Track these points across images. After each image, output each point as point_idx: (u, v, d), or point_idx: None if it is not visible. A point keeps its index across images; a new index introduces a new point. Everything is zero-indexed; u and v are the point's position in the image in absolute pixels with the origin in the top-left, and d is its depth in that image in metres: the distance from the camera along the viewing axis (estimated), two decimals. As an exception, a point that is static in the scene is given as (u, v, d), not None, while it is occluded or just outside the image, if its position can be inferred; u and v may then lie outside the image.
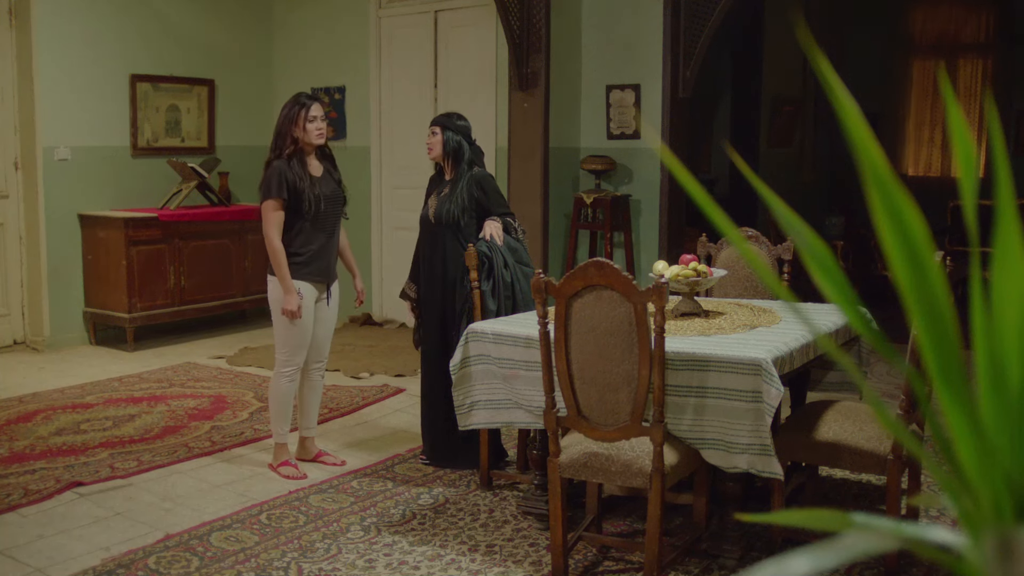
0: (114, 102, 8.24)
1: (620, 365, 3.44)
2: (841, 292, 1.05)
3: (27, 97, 7.76)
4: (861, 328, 1.07)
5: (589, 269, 3.41)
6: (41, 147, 7.76)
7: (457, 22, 8.27)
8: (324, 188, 4.75)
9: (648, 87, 7.34)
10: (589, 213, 7.41)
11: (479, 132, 8.11)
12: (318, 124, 4.73)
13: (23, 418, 5.86)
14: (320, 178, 4.77)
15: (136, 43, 8.31)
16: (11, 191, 7.85)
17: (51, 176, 7.84)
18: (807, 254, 1.05)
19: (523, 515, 4.34)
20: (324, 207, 4.72)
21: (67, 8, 7.83)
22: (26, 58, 7.72)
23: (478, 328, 4.12)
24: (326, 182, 4.79)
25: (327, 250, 4.81)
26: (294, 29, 9.20)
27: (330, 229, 4.80)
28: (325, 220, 4.76)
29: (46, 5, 7.71)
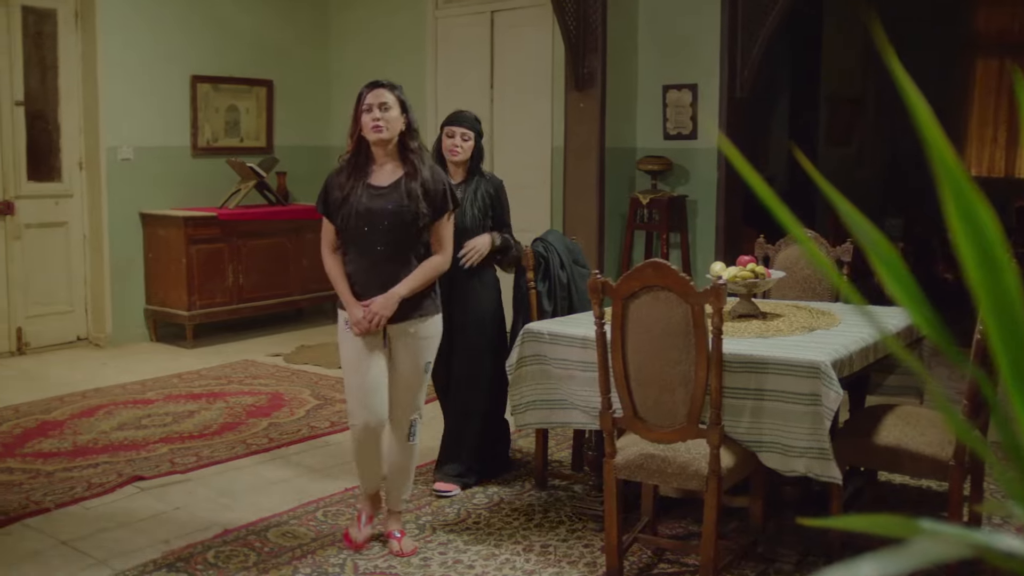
0: (175, 103, 8.36)
1: (677, 366, 3.42)
2: (909, 294, 1.03)
3: (91, 98, 7.91)
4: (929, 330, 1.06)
5: (646, 270, 3.40)
6: (105, 147, 7.90)
7: (513, 22, 8.27)
8: (371, 201, 3.80)
9: (705, 87, 7.28)
10: (645, 214, 7.37)
11: (535, 132, 8.15)
12: (375, 114, 3.78)
13: (86, 413, 5.97)
14: (381, 187, 3.83)
15: (197, 44, 8.43)
16: (75, 190, 8.00)
17: (114, 176, 7.98)
18: (874, 255, 1.03)
19: (578, 516, 4.34)
20: (356, 223, 3.81)
21: (131, 10, 7.97)
22: (91, 60, 7.87)
23: (534, 328, 4.12)
24: (385, 194, 3.81)
25: (371, 279, 3.85)
26: (351, 30, 9.27)
27: (372, 251, 3.83)
28: (363, 239, 3.84)
29: (111, 7, 7.85)
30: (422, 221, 3.84)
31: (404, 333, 3.91)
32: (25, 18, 7.64)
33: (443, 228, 3.94)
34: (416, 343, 3.92)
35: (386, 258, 3.84)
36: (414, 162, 3.86)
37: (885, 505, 4.47)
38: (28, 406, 6.12)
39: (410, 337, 3.91)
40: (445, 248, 3.97)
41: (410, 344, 3.92)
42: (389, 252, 3.84)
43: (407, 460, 4.08)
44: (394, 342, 3.93)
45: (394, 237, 3.82)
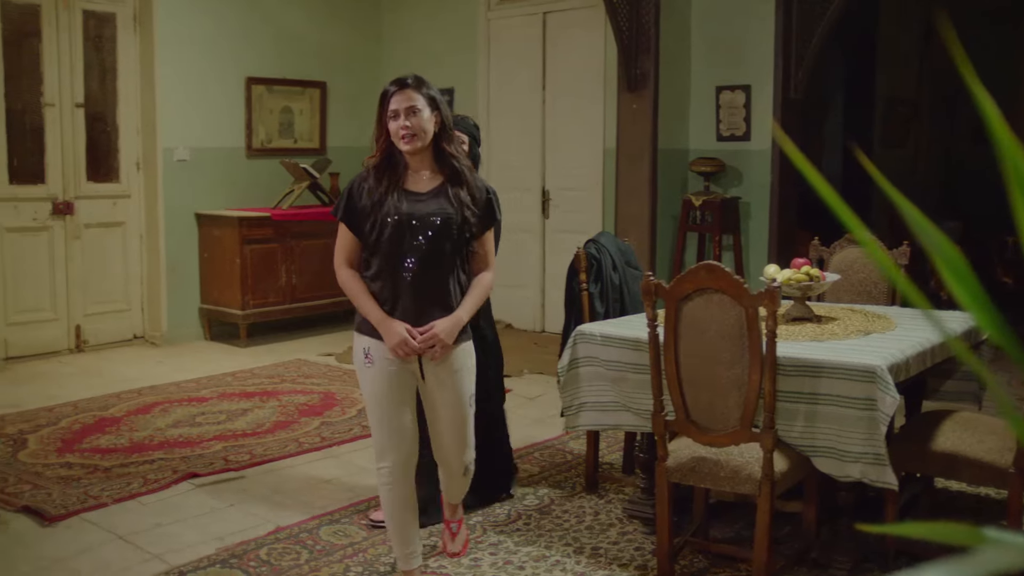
0: (230, 104, 8.47)
1: (730, 369, 3.39)
2: (973, 296, 1.02)
3: (149, 100, 8.03)
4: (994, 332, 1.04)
5: (700, 272, 3.38)
6: (161, 148, 8.02)
7: (566, 23, 8.27)
8: (411, 207, 3.31)
9: (759, 88, 7.23)
10: (697, 215, 7.33)
11: (587, 134, 8.14)
12: (403, 122, 3.28)
13: (142, 410, 6.06)
14: (421, 193, 3.35)
15: (252, 47, 8.53)
16: (133, 190, 8.13)
17: (170, 176, 8.10)
18: (938, 257, 1.02)
19: (629, 518, 4.32)
20: (393, 233, 3.29)
21: (187, 13, 8.08)
22: (148, 62, 7.99)
23: (586, 330, 4.11)
24: (427, 200, 3.34)
25: (404, 299, 3.32)
26: (404, 31, 9.32)
27: (408, 266, 3.30)
28: (398, 252, 3.30)
29: (168, 11, 7.97)
30: (469, 231, 3.37)
31: (444, 361, 3.39)
32: (86, 22, 7.78)
33: (488, 242, 3.49)
34: (452, 377, 3.42)
35: (425, 275, 3.30)
36: (454, 165, 3.38)
37: (942, 512, 4.40)
38: (86, 402, 6.23)
39: (444, 370, 3.40)
40: (492, 264, 3.53)
41: (446, 379, 3.42)
42: (429, 267, 3.31)
43: (463, 486, 3.71)
44: (429, 378, 3.41)
45: (436, 250, 3.30)
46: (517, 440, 5.46)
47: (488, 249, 3.51)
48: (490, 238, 3.50)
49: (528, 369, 7.14)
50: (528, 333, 8.56)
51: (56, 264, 7.70)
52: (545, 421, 5.85)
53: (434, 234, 3.30)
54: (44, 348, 7.63)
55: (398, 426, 3.38)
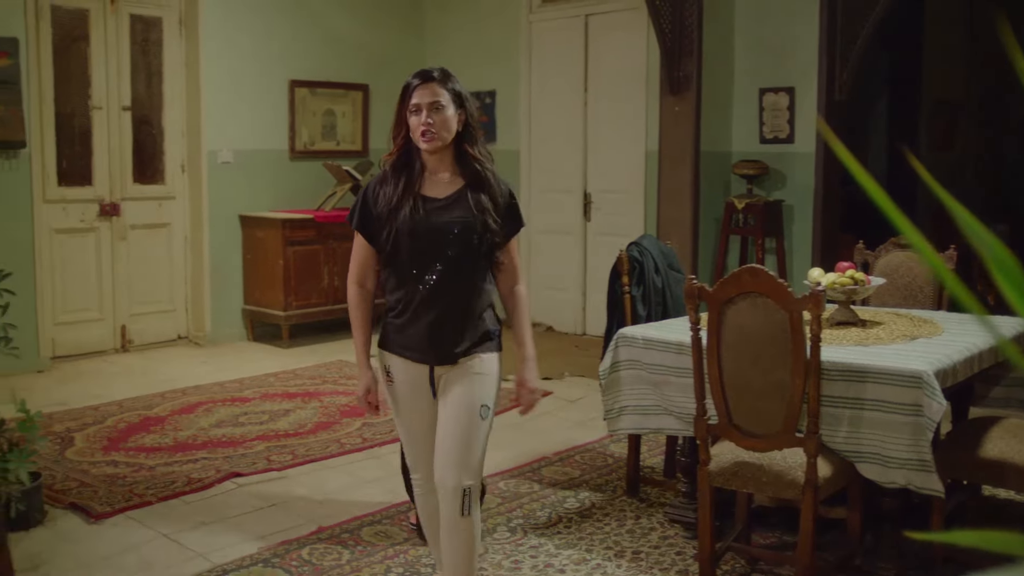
0: (274, 107, 8.54)
1: (773, 374, 3.36)
2: (1027, 301, 1.00)
3: (194, 102, 8.12)
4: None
5: (743, 275, 3.35)
6: (206, 150, 8.11)
7: (608, 25, 8.25)
8: (429, 215, 3.06)
9: (803, 90, 7.18)
10: (740, 218, 7.29)
11: (629, 136, 8.12)
12: (424, 117, 3.05)
13: (186, 409, 6.12)
14: (439, 200, 3.10)
15: (295, 50, 8.59)
16: (178, 192, 8.22)
17: (214, 178, 8.18)
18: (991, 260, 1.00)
19: (670, 523, 4.30)
20: (411, 243, 3.06)
21: (232, 17, 8.16)
22: (194, 65, 8.08)
23: (628, 333, 4.10)
24: (447, 206, 3.09)
25: (422, 314, 3.09)
26: (446, 34, 9.35)
27: (428, 279, 3.06)
28: (416, 264, 3.07)
29: (213, 14, 8.05)
30: (493, 239, 3.10)
31: (456, 374, 3.13)
32: (133, 26, 7.88)
33: (515, 251, 3.28)
34: (465, 381, 3.10)
35: (445, 289, 3.06)
36: (477, 169, 3.11)
37: (989, 521, 4.34)
38: (131, 401, 6.30)
39: (459, 375, 3.12)
40: (521, 275, 3.31)
41: (458, 384, 3.11)
42: (450, 281, 3.06)
43: (463, 543, 3.12)
44: (443, 385, 3.15)
45: (457, 262, 3.06)
46: (558, 443, 5.47)
47: (516, 258, 3.28)
48: (516, 247, 3.28)
49: (569, 372, 7.13)
50: (569, 336, 8.55)
51: (102, 265, 7.81)
52: (586, 424, 5.83)
53: (454, 245, 3.05)
54: (90, 348, 7.74)
55: (425, 441, 3.20)
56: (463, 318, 3.11)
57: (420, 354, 3.12)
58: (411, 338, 3.11)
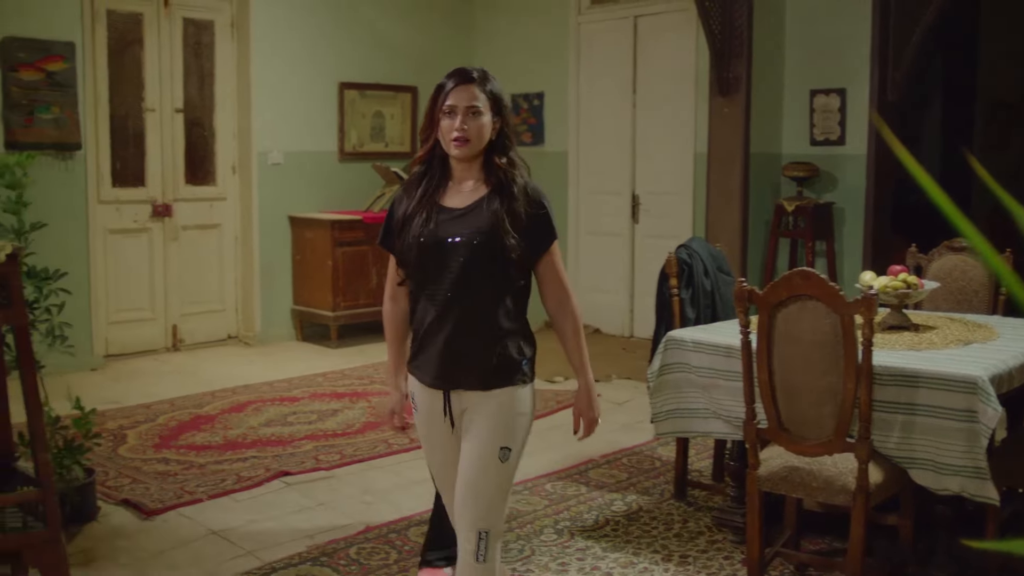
0: (323, 109, 8.60)
1: (824, 378, 3.33)
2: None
3: (245, 104, 8.21)
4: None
5: (794, 278, 3.32)
6: (256, 152, 8.20)
7: (657, 27, 8.22)
8: (440, 227, 2.78)
9: (854, 91, 7.10)
10: (790, 221, 7.23)
11: (678, 138, 8.08)
12: (458, 123, 2.78)
13: (235, 408, 6.18)
14: (455, 210, 2.81)
15: (345, 52, 8.65)
16: (228, 193, 8.31)
17: (264, 179, 8.26)
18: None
19: (718, 527, 4.27)
20: (420, 258, 2.80)
21: (283, 20, 8.24)
22: (244, 68, 8.17)
23: (677, 336, 4.08)
24: (460, 217, 2.80)
25: (435, 332, 2.81)
26: (494, 36, 9.36)
27: (442, 298, 2.79)
28: (429, 281, 2.82)
29: (264, 18, 8.14)
30: (509, 255, 2.75)
31: (471, 405, 2.83)
32: (186, 29, 7.98)
33: (554, 264, 2.89)
34: (491, 417, 2.80)
35: (458, 308, 2.77)
36: (501, 177, 2.82)
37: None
38: (182, 400, 6.38)
39: (478, 412, 2.82)
40: (568, 288, 2.92)
41: (482, 418, 2.82)
42: (462, 299, 2.77)
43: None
44: (458, 416, 2.87)
45: (468, 278, 2.75)
46: (605, 445, 5.45)
47: (558, 272, 2.89)
48: (554, 263, 2.88)
49: (616, 374, 7.11)
50: (616, 338, 8.52)
51: (155, 265, 7.91)
52: (633, 427, 5.81)
53: (463, 260, 2.75)
54: (142, 347, 7.84)
55: (442, 474, 2.98)
56: (479, 343, 2.78)
57: (433, 378, 2.85)
58: (426, 361, 2.84)
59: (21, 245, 3.79)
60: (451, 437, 2.89)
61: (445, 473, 2.96)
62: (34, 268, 4.30)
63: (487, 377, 2.79)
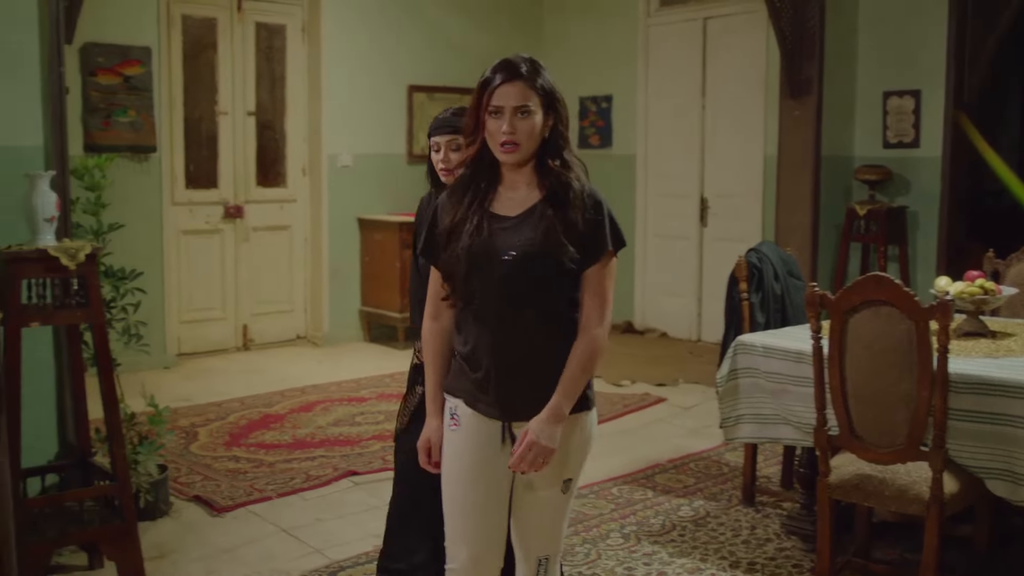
0: (392, 112, 8.67)
1: (898, 385, 3.27)
2: None
3: (315, 108, 8.31)
4: None
5: (868, 283, 3.27)
6: (326, 154, 8.29)
7: (727, 29, 8.16)
8: (494, 237, 2.50)
9: (929, 93, 6.97)
10: (862, 225, 7.12)
11: (748, 141, 8.00)
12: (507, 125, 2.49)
13: (304, 408, 6.25)
14: (508, 218, 2.53)
15: (413, 55, 8.71)
16: (299, 195, 8.41)
17: (334, 182, 8.35)
18: None
19: (787, 534, 4.22)
20: (468, 271, 2.51)
21: (353, 24, 8.33)
22: (315, 71, 8.27)
23: (747, 340, 4.04)
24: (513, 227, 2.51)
25: (488, 355, 2.52)
26: (563, 39, 9.35)
27: (491, 315, 2.50)
28: (478, 296, 2.53)
29: (335, 21, 8.23)
30: (566, 267, 2.47)
31: None
32: (258, 33, 8.10)
33: (599, 282, 2.53)
34: (557, 451, 2.51)
35: (509, 328, 2.49)
36: (556, 180, 2.51)
37: None
38: (252, 399, 6.47)
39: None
40: (605, 310, 2.54)
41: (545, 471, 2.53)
42: (513, 319, 2.49)
43: None
44: None
45: (526, 294, 2.48)
46: (672, 450, 5.42)
47: (602, 288, 2.53)
48: (602, 274, 2.52)
49: (683, 379, 7.05)
50: (684, 342, 8.46)
51: (226, 266, 8.04)
52: (700, 432, 5.76)
53: (513, 273, 2.47)
54: (213, 346, 7.97)
55: (474, 510, 2.58)
56: (538, 366, 2.50)
57: (489, 407, 2.54)
58: (479, 387, 2.53)
59: (99, 245, 3.88)
60: (504, 473, 2.56)
61: (479, 512, 2.59)
62: (111, 268, 4.40)
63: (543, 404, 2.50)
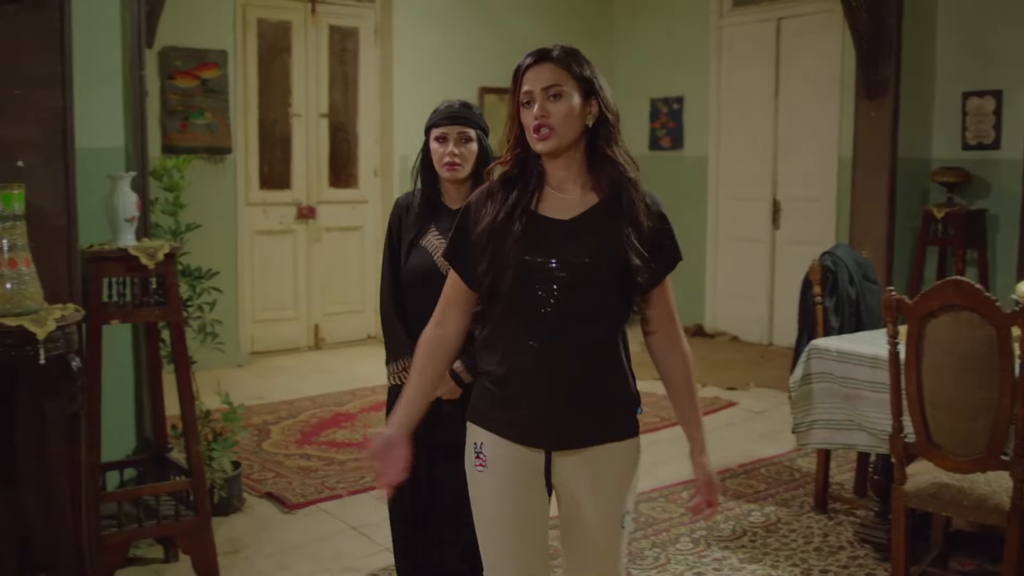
0: (464, 113, 8.69)
1: (977, 392, 3.20)
2: None
3: (387, 109, 8.38)
4: None
5: (947, 288, 3.20)
6: (397, 155, 8.36)
7: (801, 29, 8.05)
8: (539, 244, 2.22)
9: (1011, 93, 6.80)
10: (939, 228, 6.97)
11: (822, 143, 7.89)
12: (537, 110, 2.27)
13: (375, 407, 6.30)
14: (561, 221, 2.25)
15: (485, 57, 8.74)
16: (370, 196, 8.49)
17: (405, 183, 8.34)
18: None
19: (860, 542, 4.15)
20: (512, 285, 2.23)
21: (424, 26, 8.38)
22: (387, 73, 8.35)
23: (821, 345, 3.98)
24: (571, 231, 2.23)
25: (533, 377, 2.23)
26: (634, 40, 9.32)
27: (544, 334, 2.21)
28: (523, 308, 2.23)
29: (406, 24, 8.30)
30: (633, 279, 2.22)
31: (585, 465, 2.29)
32: (331, 36, 8.20)
33: (668, 292, 2.35)
34: (606, 477, 2.29)
35: (565, 350, 2.22)
36: (615, 177, 2.26)
37: None
38: (323, 398, 6.55)
39: (586, 476, 2.28)
40: (680, 325, 2.38)
41: (596, 478, 2.29)
42: (572, 336, 2.22)
43: None
44: (567, 480, 2.30)
45: (582, 309, 2.22)
46: (742, 455, 5.36)
47: (670, 304, 2.34)
48: (667, 288, 2.34)
49: (754, 383, 6.98)
50: (754, 346, 8.37)
51: (298, 266, 8.14)
52: (771, 436, 5.70)
53: (575, 287, 2.20)
54: (286, 345, 8.08)
55: (519, 550, 2.31)
56: (592, 388, 2.26)
57: (530, 436, 2.27)
58: (517, 414, 2.26)
59: (177, 245, 3.96)
60: (544, 505, 2.32)
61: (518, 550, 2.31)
62: (188, 267, 4.48)
63: (606, 430, 2.29)
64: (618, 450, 2.30)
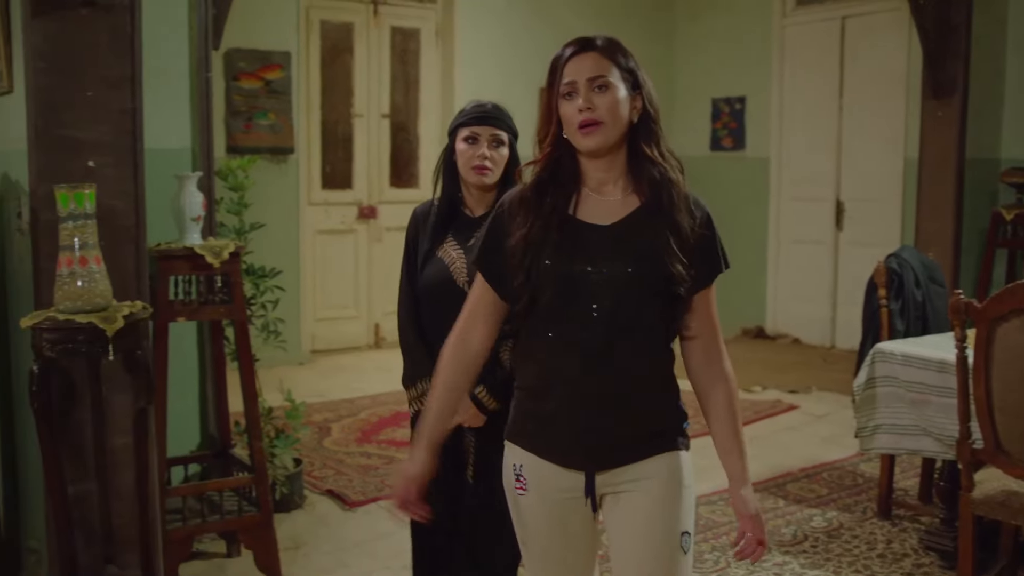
0: (523, 114, 8.50)
1: (1049, 398, 3.13)
2: None
3: (448, 110, 8.40)
4: None
5: (1018, 291, 3.14)
6: (457, 156, 8.37)
7: (866, 28, 7.95)
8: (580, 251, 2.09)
9: (1085, 92, 6.65)
10: (1009, 230, 6.82)
11: (887, 143, 7.77)
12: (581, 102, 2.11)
13: (430, 407, 6.33)
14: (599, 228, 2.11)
15: (544, 57, 8.46)
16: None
17: (465, 183, 8.42)
18: None
19: (925, 550, 4.08)
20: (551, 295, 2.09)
21: (485, 27, 8.41)
22: (448, 74, 8.39)
23: (886, 348, 3.92)
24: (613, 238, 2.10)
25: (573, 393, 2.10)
26: (696, 40, 9.25)
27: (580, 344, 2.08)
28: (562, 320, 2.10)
29: (467, 24, 8.33)
30: (676, 287, 2.07)
31: (632, 485, 2.15)
32: (393, 37, 8.26)
33: (711, 303, 2.18)
34: (660, 495, 2.14)
35: (607, 360, 2.07)
36: (656, 177, 2.11)
37: None
38: (383, 396, 6.59)
39: (639, 497, 2.14)
40: (723, 341, 2.21)
41: (648, 497, 2.14)
42: (614, 349, 2.07)
43: None
44: (614, 503, 2.18)
45: (626, 321, 2.07)
46: (804, 459, 5.30)
47: (712, 317, 2.18)
48: (710, 299, 2.17)
49: (816, 386, 6.89)
50: (817, 348, 8.27)
51: (359, 265, 8.21)
52: (834, 440, 5.62)
53: (616, 293, 2.06)
54: (346, 344, 8.15)
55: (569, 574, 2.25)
56: (635, 404, 2.11)
57: (572, 456, 2.14)
58: (556, 432, 2.13)
59: (242, 244, 4.00)
60: (590, 528, 2.21)
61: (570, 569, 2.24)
62: (252, 266, 4.54)
63: (651, 442, 2.15)
64: (661, 463, 2.14)
